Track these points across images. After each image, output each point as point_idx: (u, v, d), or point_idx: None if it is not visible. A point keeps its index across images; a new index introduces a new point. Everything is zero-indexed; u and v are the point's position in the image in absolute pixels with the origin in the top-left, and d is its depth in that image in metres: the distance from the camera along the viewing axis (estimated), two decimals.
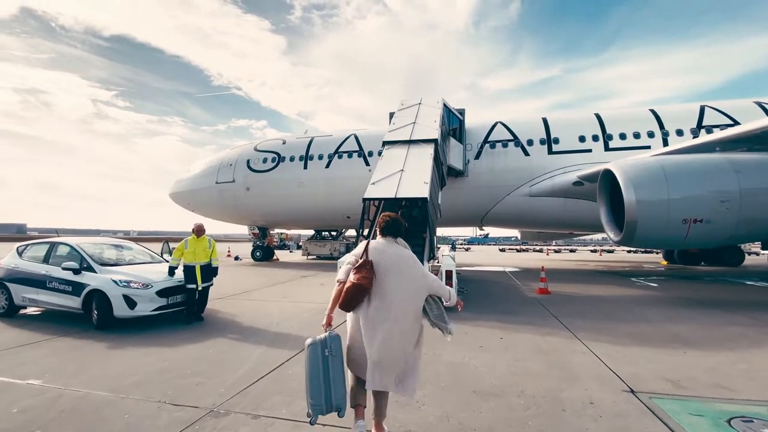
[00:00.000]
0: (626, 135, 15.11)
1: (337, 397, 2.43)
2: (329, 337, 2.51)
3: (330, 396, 2.41)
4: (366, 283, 2.54)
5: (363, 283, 2.53)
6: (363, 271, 2.58)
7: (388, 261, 2.65)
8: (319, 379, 2.42)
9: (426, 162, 8.91)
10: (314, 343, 2.49)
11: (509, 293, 9.82)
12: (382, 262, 2.64)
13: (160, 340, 5.24)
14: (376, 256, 2.66)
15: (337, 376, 2.46)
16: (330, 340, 2.49)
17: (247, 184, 18.54)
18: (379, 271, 2.62)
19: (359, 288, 2.53)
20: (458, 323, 6.23)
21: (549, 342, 5.23)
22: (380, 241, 2.79)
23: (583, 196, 14.63)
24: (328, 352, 2.47)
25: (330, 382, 2.43)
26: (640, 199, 8.51)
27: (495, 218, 16.85)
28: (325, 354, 2.46)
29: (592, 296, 9.31)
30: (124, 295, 5.71)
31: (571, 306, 7.97)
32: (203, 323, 6.27)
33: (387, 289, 2.58)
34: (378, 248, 2.71)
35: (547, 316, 6.97)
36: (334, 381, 2.44)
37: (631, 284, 11.72)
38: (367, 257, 2.66)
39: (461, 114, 15.47)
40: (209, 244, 6.66)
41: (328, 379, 2.43)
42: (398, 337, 2.53)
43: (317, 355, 2.46)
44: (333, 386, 2.43)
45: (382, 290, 2.58)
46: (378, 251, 2.69)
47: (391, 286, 2.58)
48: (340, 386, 2.46)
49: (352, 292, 2.53)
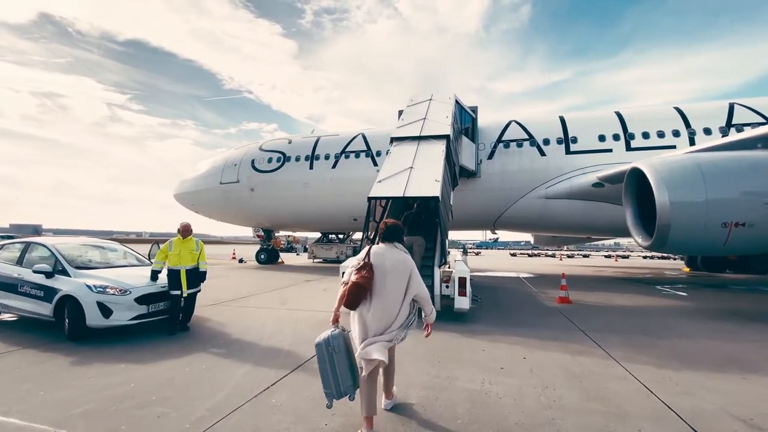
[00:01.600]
0: (649, 134, 14.23)
1: (345, 386, 2.77)
2: (332, 336, 2.81)
3: (339, 385, 2.76)
4: (365, 282, 2.83)
5: (362, 282, 2.82)
6: (363, 271, 2.88)
7: (387, 264, 2.94)
8: (328, 372, 2.76)
9: (437, 159, 8.19)
10: (320, 343, 2.81)
11: (527, 302, 9.04)
12: (382, 265, 2.93)
13: (133, 355, 4.61)
14: (376, 259, 2.96)
15: (342, 369, 2.77)
16: (332, 339, 2.80)
17: (251, 184, 17.99)
18: (379, 273, 2.91)
19: (359, 286, 2.81)
20: (473, 338, 5.51)
21: (581, 363, 4.47)
22: (381, 246, 3.09)
23: (603, 198, 13.78)
24: (332, 349, 2.77)
25: (337, 374, 2.76)
26: (674, 201, 7.68)
27: (508, 221, 16.02)
28: (329, 351, 2.77)
29: (618, 306, 8.50)
30: (99, 302, 5.09)
31: (598, 318, 7.18)
32: (188, 334, 5.62)
33: (385, 290, 2.88)
34: (379, 252, 3.01)
35: (573, 329, 6.20)
36: (341, 373, 2.77)
37: (657, 293, 10.85)
38: (368, 260, 2.96)
39: (474, 112, 14.71)
40: (197, 245, 6.03)
41: (335, 371, 2.76)
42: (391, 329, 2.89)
43: (323, 353, 2.79)
44: (340, 377, 2.76)
45: (381, 291, 2.88)
46: (378, 255, 2.99)
47: (389, 287, 2.89)
48: (347, 377, 2.78)
49: (354, 290, 2.82)
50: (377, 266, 2.92)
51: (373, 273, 2.89)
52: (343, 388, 2.76)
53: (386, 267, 2.92)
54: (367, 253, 3.01)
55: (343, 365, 2.77)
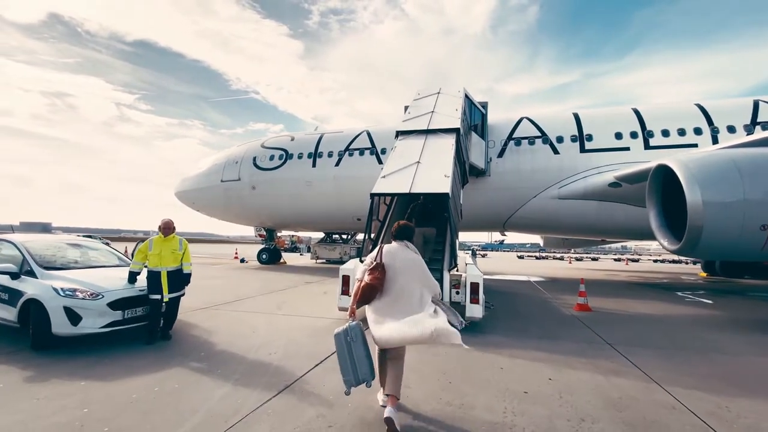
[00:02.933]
0: (669, 132, 13.48)
1: (362, 373, 2.89)
2: (350, 327, 2.97)
3: (357, 372, 2.88)
4: (377, 283, 2.98)
5: (374, 283, 2.98)
6: (375, 272, 3.01)
7: (399, 263, 3.08)
8: (346, 360, 2.90)
9: (446, 153, 7.53)
10: (339, 333, 2.97)
11: (543, 309, 8.36)
12: (394, 264, 3.07)
13: (99, 369, 4.02)
14: (388, 258, 3.10)
15: (360, 357, 2.90)
16: (350, 329, 2.95)
17: (252, 182, 17.43)
18: (391, 271, 3.05)
19: (371, 287, 2.97)
20: (489, 352, 4.85)
21: (618, 387, 3.82)
22: (393, 245, 3.24)
23: (619, 199, 13.06)
24: (350, 339, 2.93)
25: (355, 362, 2.89)
26: (707, 200, 6.97)
27: (519, 222, 15.31)
28: (347, 341, 2.93)
29: (641, 315, 7.80)
30: (66, 306, 4.50)
31: (623, 328, 6.51)
32: (169, 343, 5.01)
33: (397, 287, 3.01)
34: (391, 251, 3.15)
35: (599, 342, 5.54)
36: (359, 361, 2.89)
37: (680, 300, 10.12)
38: (380, 260, 3.08)
39: (484, 107, 14.02)
40: (180, 245, 5.41)
41: (353, 359, 2.89)
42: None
43: (342, 342, 2.94)
44: (358, 365, 2.89)
45: (393, 288, 3.01)
46: (391, 254, 3.13)
47: (401, 285, 3.01)
48: (364, 365, 2.90)
49: (366, 290, 2.98)
50: (389, 265, 3.06)
51: (384, 273, 3.04)
52: (361, 376, 2.89)
53: (397, 266, 3.07)
54: (379, 252, 3.14)
55: (360, 354, 2.92)
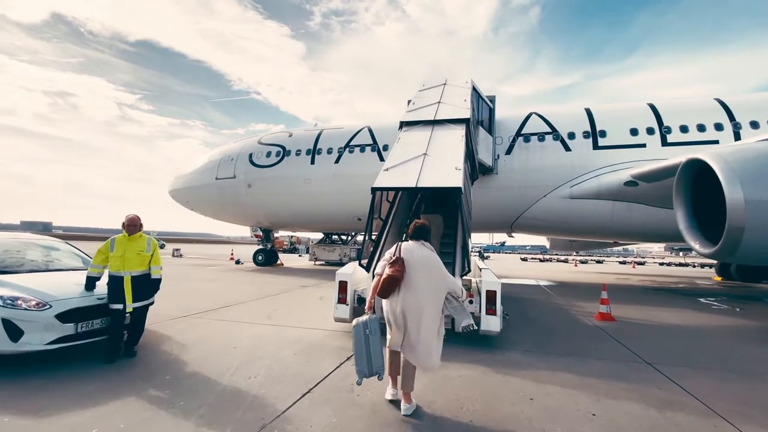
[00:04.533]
0: (688, 127, 12.70)
1: (376, 366, 3.05)
2: (369, 319, 3.15)
3: (371, 364, 3.04)
4: (399, 275, 3.12)
5: (396, 275, 3.12)
6: (396, 265, 3.17)
7: (416, 260, 3.22)
8: (362, 352, 3.05)
9: (456, 145, 6.76)
10: (358, 324, 3.12)
11: (560, 318, 7.58)
12: (412, 260, 3.21)
13: (38, 398, 3.26)
14: (406, 254, 3.25)
15: (375, 350, 3.07)
16: (369, 322, 3.13)
17: (248, 180, 16.67)
18: (409, 268, 3.18)
19: (393, 279, 3.11)
20: (511, 375, 4.01)
21: (678, 425, 3.04)
22: (411, 243, 3.39)
23: (636, 198, 12.29)
24: (368, 331, 3.09)
25: (371, 354, 3.05)
26: (749, 198, 6.20)
27: (527, 224, 14.52)
28: (366, 333, 3.08)
29: (671, 326, 7.02)
30: (4, 319, 3.74)
31: (656, 342, 5.73)
32: (133, 362, 4.23)
33: (414, 283, 3.15)
34: (409, 249, 3.30)
35: (636, 361, 4.75)
36: (374, 353, 3.06)
37: (705, 308, 9.34)
38: (399, 255, 3.25)
39: (491, 102, 13.24)
40: (148, 245, 4.58)
41: (369, 351, 3.05)
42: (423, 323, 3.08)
43: (360, 334, 3.09)
44: (373, 357, 3.05)
45: (411, 284, 3.15)
46: (409, 251, 3.28)
47: (418, 280, 3.15)
48: (379, 357, 3.08)
49: (388, 282, 3.11)
50: (408, 262, 3.18)
51: (404, 267, 3.15)
52: (375, 368, 3.02)
53: (414, 263, 3.19)
54: (398, 248, 3.29)
55: (377, 347, 3.05)
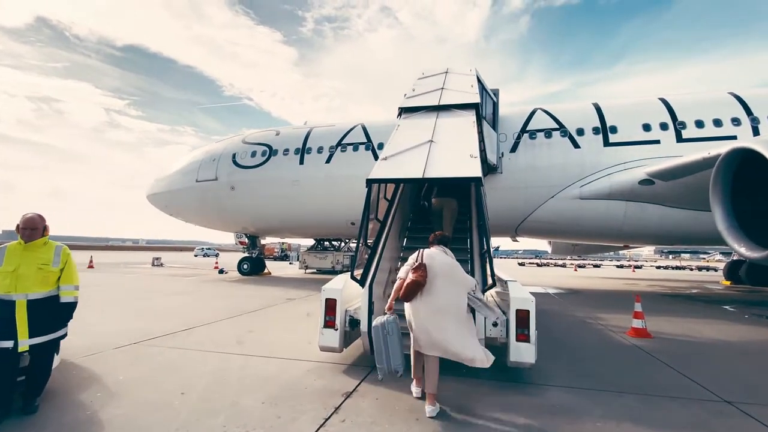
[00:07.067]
0: (704, 122, 11.88)
1: (395, 363, 3.28)
2: (387, 321, 3.36)
3: (390, 362, 3.27)
4: (422, 280, 3.23)
5: (420, 280, 3.23)
6: (420, 270, 3.27)
7: (437, 266, 3.32)
8: (381, 351, 3.28)
9: (468, 131, 5.66)
10: (377, 326, 3.36)
11: (588, 335, 6.51)
12: (433, 266, 3.32)
13: None
14: (429, 261, 3.36)
15: (394, 349, 3.30)
16: (387, 323, 3.34)
17: (231, 182, 15.42)
18: (431, 273, 3.28)
19: (417, 284, 3.22)
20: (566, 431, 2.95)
21: None
22: (432, 249, 3.56)
23: (651, 198, 11.39)
24: (386, 332, 3.31)
25: (389, 353, 3.28)
26: None
27: (534, 227, 13.51)
28: (383, 334, 3.31)
29: (715, 343, 6.02)
30: None
31: (714, 367, 4.67)
32: (32, 420, 2.96)
33: (436, 288, 3.23)
34: (431, 255, 3.44)
35: (709, 398, 3.64)
36: (393, 352, 3.29)
37: (738, 318, 8.38)
38: (422, 261, 3.36)
39: (495, 95, 12.24)
40: (55, 256, 3.29)
41: (387, 350, 3.28)
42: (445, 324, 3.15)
43: (379, 334, 3.33)
44: (392, 356, 3.28)
45: (432, 288, 3.24)
46: (430, 257, 3.40)
47: (439, 285, 3.24)
48: (398, 356, 3.30)
49: (412, 286, 3.23)
50: (429, 267, 3.30)
51: (426, 273, 3.27)
52: (394, 366, 3.27)
53: (436, 268, 3.30)
54: (420, 254, 3.42)
55: (395, 346, 3.29)
